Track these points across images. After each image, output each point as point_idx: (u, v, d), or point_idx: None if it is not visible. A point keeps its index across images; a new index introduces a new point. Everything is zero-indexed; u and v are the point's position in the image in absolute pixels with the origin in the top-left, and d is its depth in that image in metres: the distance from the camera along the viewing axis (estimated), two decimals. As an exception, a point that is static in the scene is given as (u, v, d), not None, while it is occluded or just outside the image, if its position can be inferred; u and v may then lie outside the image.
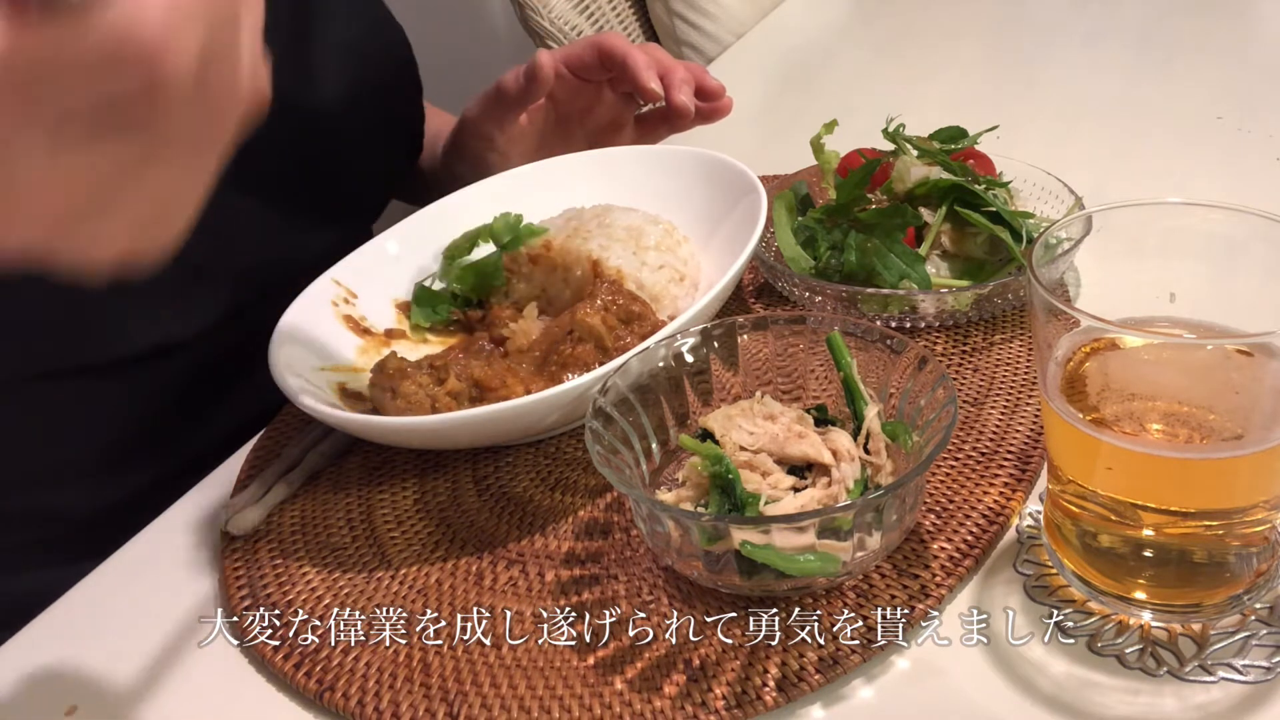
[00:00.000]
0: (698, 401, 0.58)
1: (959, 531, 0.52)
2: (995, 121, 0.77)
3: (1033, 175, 0.75)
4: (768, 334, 0.58)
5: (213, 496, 0.66)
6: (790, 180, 0.78)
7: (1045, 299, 0.44)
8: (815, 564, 0.47)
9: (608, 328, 0.64)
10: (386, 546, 0.59)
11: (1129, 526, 0.47)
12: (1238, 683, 0.44)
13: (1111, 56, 1.13)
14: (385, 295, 0.74)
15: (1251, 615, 0.47)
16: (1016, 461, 0.56)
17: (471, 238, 0.75)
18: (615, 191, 0.78)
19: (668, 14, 1.51)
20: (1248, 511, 0.45)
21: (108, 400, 0.71)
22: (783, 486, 0.51)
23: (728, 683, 0.47)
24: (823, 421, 0.55)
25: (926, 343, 0.67)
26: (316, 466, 0.65)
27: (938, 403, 0.50)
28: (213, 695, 0.53)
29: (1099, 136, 0.95)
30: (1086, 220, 0.50)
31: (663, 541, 0.50)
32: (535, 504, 0.60)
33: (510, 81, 0.81)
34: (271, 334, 0.66)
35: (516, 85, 0.81)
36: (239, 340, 0.68)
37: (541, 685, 0.49)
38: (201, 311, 0.72)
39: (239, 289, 0.74)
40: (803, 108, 1.12)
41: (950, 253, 0.70)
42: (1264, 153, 0.86)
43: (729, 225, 0.73)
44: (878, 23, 1.36)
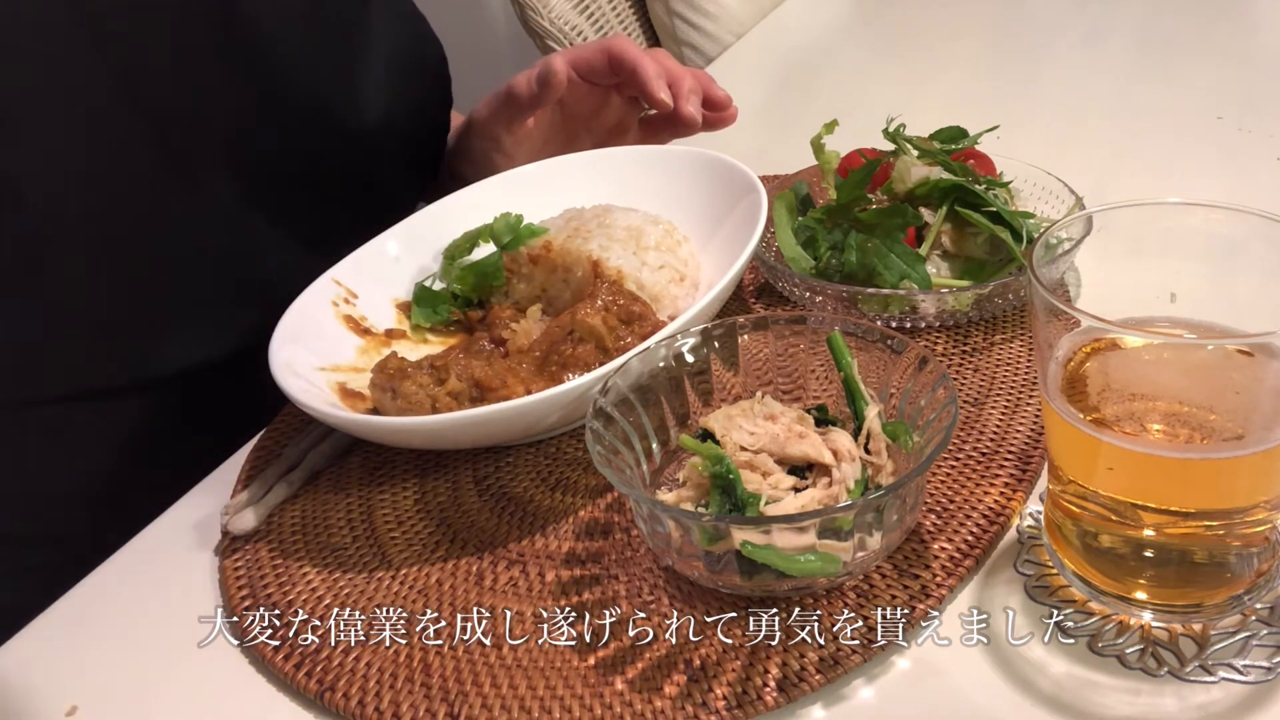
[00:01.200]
0: (698, 401, 0.58)
1: (959, 532, 0.52)
2: (995, 121, 0.77)
3: (1033, 175, 0.75)
4: (768, 334, 0.58)
5: (213, 496, 0.66)
6: (790, 180, 0.78)
7: (1046, 299, 0.44)
8: (816, 564, 0.47)
9: (608, 328, 0.64)
10: (387, 546, 0.59)
11: (1129, 527, 0.47)
12: (1238, 683, 0.44)
13: (1111, 56, 1.13)
14: (385, 295, 0.74)
15: (1252, 615, 0.47)
16: (1017, 461, 0.56)
17: (472, 238, 0.75)
18: (615, 191, 0.78)
19: (668, 14, 1.51)
20: (1248, 512, 0.45)
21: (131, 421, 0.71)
22: (783, 487, 0.51)
23: (728, 683, 0.47)
24: (823, 421, 0.55)
25: (927, 343, 0.66)
26: (316, 466, 0.65)
27: (938, 403, 0.50)
28: (213, 695, 0.53)
29: (1099, 136, 0.95)
30: (1087, 220, 0.50)
31: (663, 542, 0.50)
32: (535, 504, 0.60)
33: (522, 85, 0.81)
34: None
35: (529, 89, 0.81)
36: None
37: (542, 685, 0.49)
38: (236, 327, 0.73)
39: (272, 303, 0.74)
40: (803, 108, 1.12)
41: (950, 253, 0.70)
42: (1264, 153, 0.86)
43: (729, 225, 0.73)
44: (878, 23, 1.36)
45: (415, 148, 0.87)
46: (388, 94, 0.81)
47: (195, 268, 0.71)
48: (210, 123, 0.70)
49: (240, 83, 0.71)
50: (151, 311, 0.69)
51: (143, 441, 0.72)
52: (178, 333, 0.70)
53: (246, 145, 0.72)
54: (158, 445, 0.73)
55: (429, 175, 0.92)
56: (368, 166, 0.81)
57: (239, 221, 0.73)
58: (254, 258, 0.74)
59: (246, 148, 0.72)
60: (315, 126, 0.76)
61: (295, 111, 0.75)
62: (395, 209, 0.87)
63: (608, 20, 1.51)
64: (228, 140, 0.71)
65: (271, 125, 0.73)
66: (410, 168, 0.88)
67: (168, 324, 0.70)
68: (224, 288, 0.73)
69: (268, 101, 0.73)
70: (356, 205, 0.81)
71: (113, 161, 0.66)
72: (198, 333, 0.71)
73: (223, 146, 0.71)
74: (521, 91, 0.81)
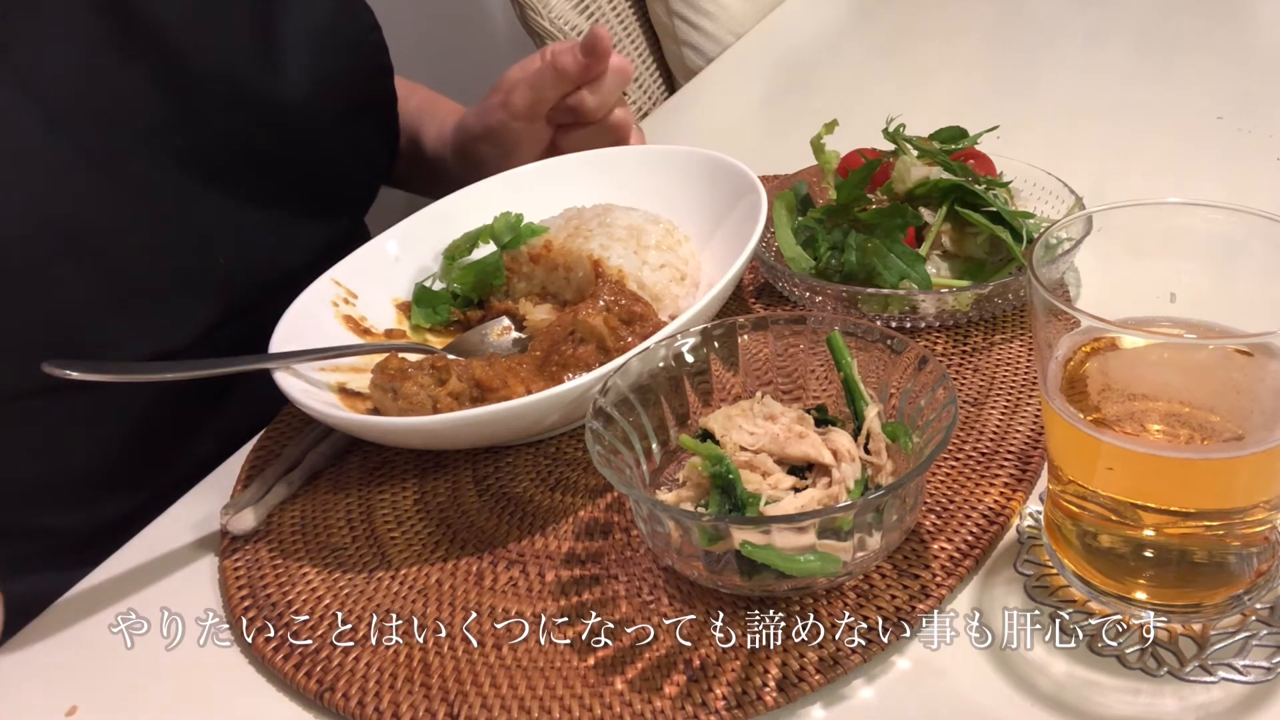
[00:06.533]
0: (698, 401, 0.58)
1: (959, 532, 0.52)
2: (995, 121, 0.77)
3: (1033, 175, 0.75)
4: (768, 334, 0.58)
5: (213, 496, 0.66)
6: (790, 180, 0.78)
7: (1045, 299, 0.44)
8: (816, 564, 0.47)
9: (609, 328, 0.64)
10: (386, 547, 0.59)
11: (1129, 527, 0.47)
12: (1238, 683, 0.44)
13: (1111, 56, 1.13)
14: (385, 295, 0.74)
15: (1252, 615, 0.47)
16: (1017, 461, 0.56)
17: (472, 238, 0.75)
18: (615, 191, 0.78)
19: (668, 14, 1.51)
20: (1248, 512, 0.45)
21: (105, 415, 0.70)
22: (783, 487, 0.51)
23: (728, 683, 0.47)
24: (823, 421, 0.55)
25: (926, 343, 0.66)
26: (316, 466, 0.65)
27: (938, 403, 0.50)
28: (213, 695, 0.53)
29: (1099, 136, 0.95)
30: (1087, 220, 0.50)
31: (663, 542, 0.50)
32: (535, 504, 0.60)
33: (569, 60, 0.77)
34: (269, 337, 0.65)
35: (577, 63, 0.77)
36: (236, 345, 0.68)
37: (541, 685, 0.49)
38: (192, 317, 0.72)
39: (227, 294, 0.74)
40: (803, 108, 1.12)
41: (950, 253, 0.70)
42: (1264, 153, 0.86)
43: (729, 225, 0.73)
44: (878, 23, 1.36)
45: (356, 123, 0.84)
46: (310, 67, 0.78)
47: (139, 261, 0.69)
48: (128, 117, 0.69)
49: (148, 72, 0.69)
50: (100, 305, 0.67)
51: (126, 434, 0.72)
52: (130, 326, 0.69)
53: (171, 134, 0.70)
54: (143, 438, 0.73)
55: (386, 154, 0.89)
56: (305, 146, 0.79)
57: (178, 213, 0.71)
58: (200, 248, 0.72)
59: (171, 137, 0.70)
60: (237, 107, 0.74)
61: (212, 95, 0.72)
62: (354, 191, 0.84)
63: (608, 20, 1.51)
64: (151, 131, 0.69)
65: (190, 111, 0.71)
66: (358, 147, 0.85)
67: (120, 317, 0.68)
68: (176, 279, 0.71)
69: (181, 87, 0.71)
70: (308, 189, 0.79)
71: (27, 173, 0.64)
72: (149, 325, 0.70)
73: (146, 139, 0.69)
74: (570, 65, 0.78)
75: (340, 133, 0.82)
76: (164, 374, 0.62)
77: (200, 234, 0.72)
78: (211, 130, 0.72)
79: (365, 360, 0.68)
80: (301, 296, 0.69)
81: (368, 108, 0.86)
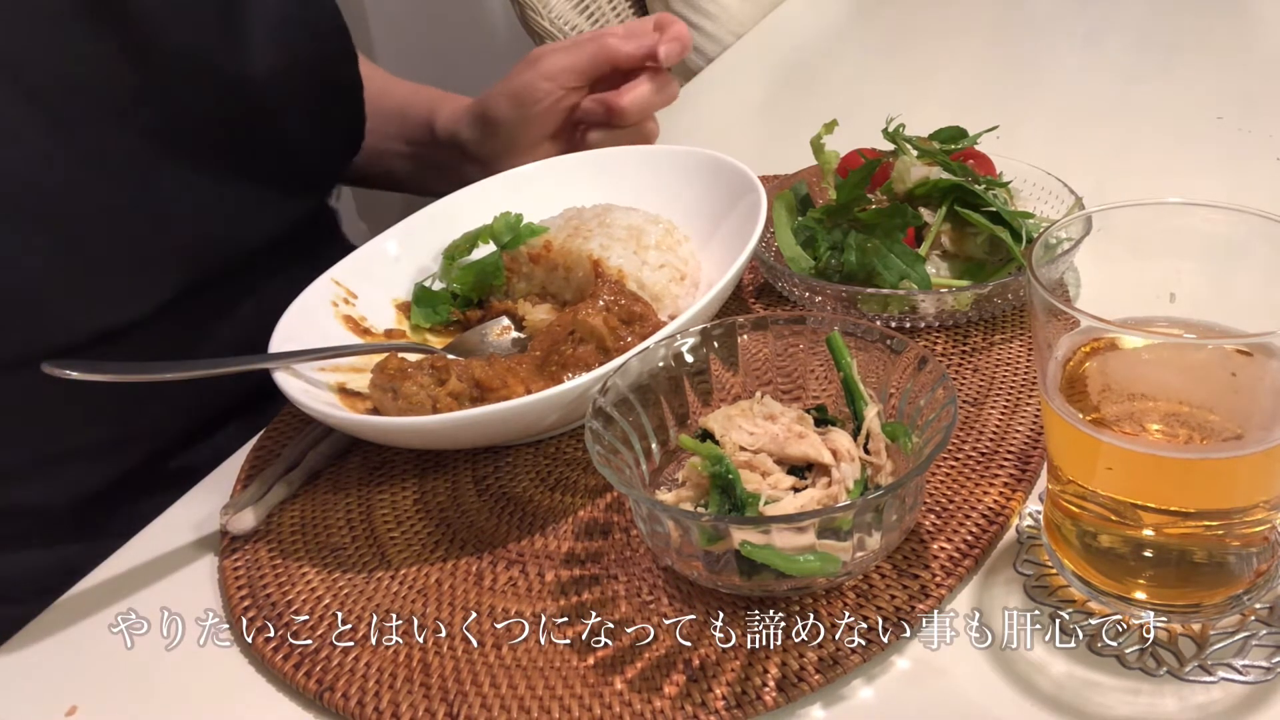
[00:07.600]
0: (698, 401, 0.58)
1: (959, 531, 0.52)
2: (995, 121, 0.77)
3: (1033, 175, 0.75)
4: (768, 334, 0.58)
5: (213, 496, 0.66)
6: (790, 180, 0.78)
7: (1045, 299, 0.44)
8: (815, 564, 0.47)
9: (609, 329, 0.64)
10: (386, 546, 0.59)
11: (1129, 526, 0.47)
12: (1238, 683, 0.44)
13: (1111, 56, 1.13)
14: (385, 295, 0.74)
15: (1251, 615, 0.47)
16: (1016, 461, 0.56)
17: (471, 238, 0.75)
18: (615, 191, 0.78)
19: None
20: (1248, 511, 0.45)
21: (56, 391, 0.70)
22: (783, 486, 0.51)
23: (728, 683, 0.47)
24: (823, 421, 0.55)
25: (926, 343, 0.67)
26: (316, 466, 0.65)
27: (937, 403, 0.50)
28: (212, 695, 0.53)
29: (1099, 136, 0.95)
30: (1086, 220, 0.50)
31: (663, 541, 0.50)
32: (535, 504, 0.60)
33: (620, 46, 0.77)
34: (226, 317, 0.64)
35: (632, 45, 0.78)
36: (193, 325, 0.66)
37: (541, 685, 0.49)
38: (145, 295, 0.71)
39: (184, 270, 0.73)
40: (803, 108, 1.12)
41: (950, 253, 0.70)
42: (1264, 153, 0.86)
43: (729, 225, 0.73)
44: (878, 23, 1.36)
45: (319, 104, 0.84)
46: (274, 46, 0.77)
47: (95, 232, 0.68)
48: (92, 87, 0.68)
49: (115, 43, 0.69)
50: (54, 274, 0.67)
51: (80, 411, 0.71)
52: (84, 298, 0.68)
53: (136, 106, 0.70)
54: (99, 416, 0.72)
55: (349, 139, 0.89)
56: (267, 124, 0.78)
57: (138, 185, 0.71)
58: (158, 223, 0.72)
59: (135, 108, 0.70)
60: (202, 82, 0.73)
61: (177, 68, 0.72)
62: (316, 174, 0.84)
63: (608, 20, 1.51)
64: (115, 102, 0.69)
65: (155, 83, 0.71)
66: (322, 130, 0.85)
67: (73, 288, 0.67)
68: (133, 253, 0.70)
69: (146, 59, 0.70)
70: (269, 169, 0.79)
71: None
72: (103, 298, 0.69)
73: (110, 109, 0.69)
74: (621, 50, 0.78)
75: (303, 113, 0.81)
76: (164, 374, 0.62)
77: (159, 208, 0.72)
78: (176, 104, 0.72)
79: (365, 360, 0.68)
80: (301, 296, 0.69)
81: (331, 90, 0.86)
